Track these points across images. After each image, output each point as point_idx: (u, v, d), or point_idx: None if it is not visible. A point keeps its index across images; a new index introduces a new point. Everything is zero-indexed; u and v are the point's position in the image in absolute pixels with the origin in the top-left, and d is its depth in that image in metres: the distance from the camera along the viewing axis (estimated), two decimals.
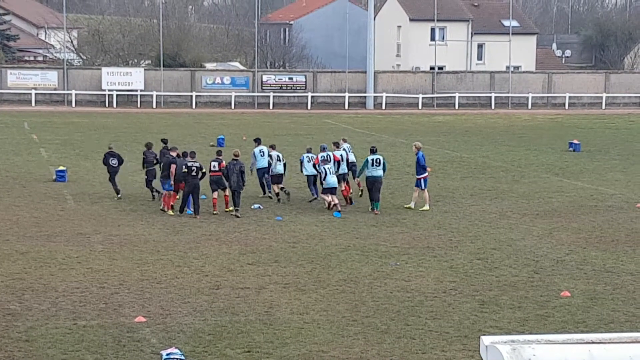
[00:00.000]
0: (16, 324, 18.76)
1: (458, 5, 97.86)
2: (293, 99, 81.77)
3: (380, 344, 18.00)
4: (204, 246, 26.09)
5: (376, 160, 31.92)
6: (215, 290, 21.57)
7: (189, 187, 30.28)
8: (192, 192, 30.37)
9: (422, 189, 32.61)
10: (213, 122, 64.68)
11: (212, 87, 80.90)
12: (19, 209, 31.16)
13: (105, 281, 22.11)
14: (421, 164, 32.29)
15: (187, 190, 30.38)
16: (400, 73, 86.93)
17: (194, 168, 30.18)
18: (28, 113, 70.50)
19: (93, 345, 17.56)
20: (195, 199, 30.50)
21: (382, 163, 31.93)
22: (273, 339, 18.13)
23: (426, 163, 33.00)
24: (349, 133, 58.96)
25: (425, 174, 32.56)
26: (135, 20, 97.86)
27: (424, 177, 32.50)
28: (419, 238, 27.77)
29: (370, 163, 31.88)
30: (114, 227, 28.52)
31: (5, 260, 23.96)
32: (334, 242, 26.96)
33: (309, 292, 21.57)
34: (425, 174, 32.49)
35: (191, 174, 30.12)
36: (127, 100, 78.79)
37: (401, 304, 20.70)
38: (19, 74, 78.25)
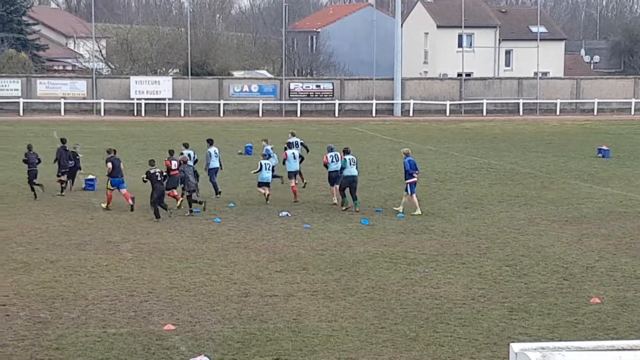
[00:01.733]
0: (46, 332, 18.86)
1: (485, 12, 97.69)
2: (320, 107, 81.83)
3: (409, 351, 17.97)
4: (232, 254, 26.14)
5: (352, 160, 33.43)
6: (243, 297, 21.60)
7: (156, 192, 31.27)
8: (160, 196, 31.39)
9: (409, 193, 32.71)
10: (241, 130, 64.82)
11: (239, 95, 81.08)
12: (49, 217, 31.33)
13: (134, 289, 22.19)
14: (406, 169, 32.65)
15: (156, 195, 31.29)
16: (428, 80, 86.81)
17: (157, 174, 31.37)
18: (57, 122, 70.90)
19: (123, 353, 17.62)
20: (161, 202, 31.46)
21: (356, 163, 33.63)
22: (302, 347, 18.14)
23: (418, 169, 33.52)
24: (376, 140, 58.96)
25: (413, 180, 32.68)
26: (163, 29, 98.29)
27: (412, 182, 32.66)
28: (448, 245, 27.71)
29: (348, 162, 33.24)
30: (143, 235, 28.63)
31: (36, 268, 24.10)
32: (362, 249, 26.94)
33: (337, 299, 21.57)
34: (412, 179, 32.64)
35: (157, 179, 31.26)
36: (156, 108, 79.10)
37: (430, 311, 20.66)
38: (49, 84, 78.72)
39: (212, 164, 35.98)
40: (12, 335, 18.56)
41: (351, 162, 33.36)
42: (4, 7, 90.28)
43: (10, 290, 21.93)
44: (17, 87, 77.54)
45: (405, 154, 33.12)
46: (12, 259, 25.12)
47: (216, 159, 36.09)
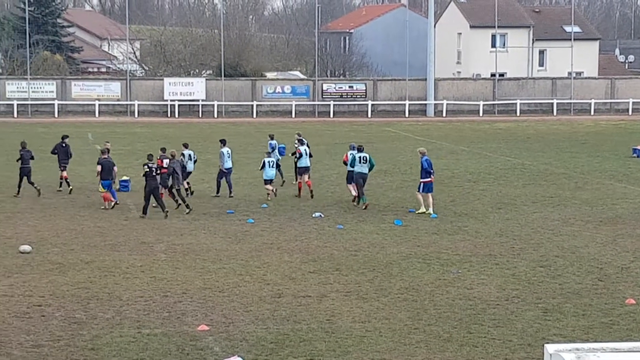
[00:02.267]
0: (82, 332, 18.98)
1: (519, 12, 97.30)
2: (353, 107, 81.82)
3: (443, 352, 17.94)
4: (265, 255, 26.19)
5: (363, 158, 33.85)
6: (277, 298, 21.64)
7: (149, 187, 31.82)
8: (153, 192, 31.86)
9: (425, 192, 32.85)
10: (273, 131, 64.82)
11: (272, 96, 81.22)
12: (84, 218, 31.52)
13: (168, 290, 22.28)
14: (423, 168, 32.74)
15: (148, 190, 31.83)
16: (461, 80, 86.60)
17: (153, 169, 31.95)
18: (92, 124, 71.34)
19: (157, 354, 17.70)
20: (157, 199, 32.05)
21: (368, 160, 33.88)
22: (335, 347, 18.15)
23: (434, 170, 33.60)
24: (409, 141, 58.88)
25: (429, 179, 32.76)
26: (196, 31, 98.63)
27: (427, 181, 32.76)
28: (481, 246, 27.63)
29: (357, 160, 33.68)
30: (176, 236, 28.74)
31: (71, 269, 24.25)
32: (395, 250, 26.92)
33: (370, 300, 21.56)
34: (428, 179, 32.74)
35: (151, 174, 31.79)
36: (189, 110, 79.38)
37: (463, 312, 20.61)
38: (83, 85, 79.19)
39: (226, 164, 36.10)
40: (47, 336, 18.70)
41: (362, 160, 33.80)
42: (39, 9, 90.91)
43: (46, 291, 22.10)
44: (52, 89, 78.06)
45: (422, 153, 33.23)
46: (48, 260, 25.29)
47: (229, 159, 36.22)
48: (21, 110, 76.86)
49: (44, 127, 67.56)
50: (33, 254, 25.87)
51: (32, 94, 77.44)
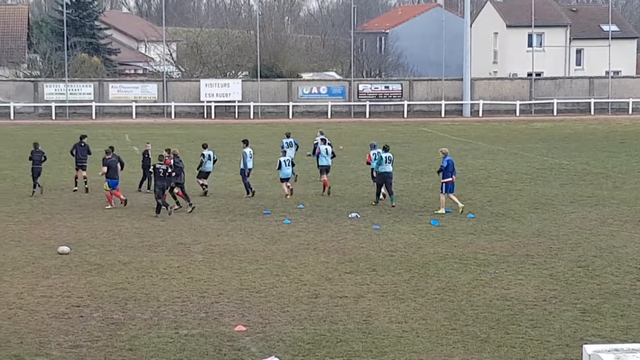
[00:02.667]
0: (119, 333, 19.08)
1: (556, 11, 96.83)
2: (389, 108, 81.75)
3: (480, 353, 17.89)
4: (302, 255, 26.22)
5: (388, 158, 34.08)
6: (313, 299, 21.66)
7: (157, 187, 32.27)
8: (161, 192, 32.27)
9: (446, 193, 32.88)
10: (310, 132, 64.91)
11: (308, 97, 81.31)
12: (121, 219, 31.69)
13: (205, 290, 22.36)
14: (444, 166, 32.76)
15: (158, 190, 32.25)
16: (497, 80, 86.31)
17: (161, 170, 32.16)
18: (129, 125, 71.73)
19: (194, 354, 17.77)
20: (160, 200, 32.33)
21: (392, 160, 34.33)
22: (372, 348, 18.14)
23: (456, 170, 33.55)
24: (446, 141, 58.74)
25: (450, 180, 32.76)
26: (232, 32, 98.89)
27: (448, 181, 32.77)
28: (518, 246, 27.52)
29: (384, 160, 33.86)
30: (213, 237, 28.83)
31: (109, 270, 24.39)
32: (432, 250, 26.87)
33: (407, 300, 21.54)
34: (449, 179, 32.75)
35: (159, 175, 32.12)
36: (225, 111, 79.63)
37: (501, 313, 20.54)
38: (120, 87, 79.66)
39: (248, 165, 36.29)
40: (86, 336, 18.82)
41: (387, 160, 34.04)
42: (77, 12, 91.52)
43: (84, 291, 22.24)
44: (90, 91, 78.55)
45: (444, 154, 33.24)
46: (86, 260, 25.46)
47: (250, 160, 36.41)
48: (59, 112, 77.41)
49: (81, 128, 67.90)
50: (71, 255, 26.05)
51: (70, 96, 77.97)
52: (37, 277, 23.65)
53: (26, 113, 77.70)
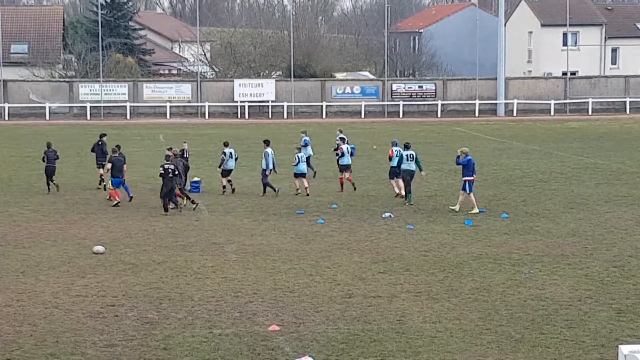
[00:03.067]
0: (154, 332, 19.17)
1: (591, 9, 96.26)
2: (423, 107, 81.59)
3: (515, 353, 17.83)
4: (335, 255, 26.23)
5: (410, 156, 34.41)
6: (347, 299, 21.66)
7: (165, 187, 32.62)
8: (169, 192, 32.71)
9: (467, 192, 32.86)
10: (343, 132, 64.89)
11: (342, 96, 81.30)
12: (156, 219, 31.82)
13: (239, 290, 22.41)
14: (465, 165, 32.83)
15: (165, 190, 32.60)
16: (532, 79, 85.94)
17: (170, 170, 32.53)
18: (163, 125, 72.01)
19: (228, 354, 17.82)
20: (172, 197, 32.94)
21: (415, 158, 34.47)
22: (406, 348, 18.13)
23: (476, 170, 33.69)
24: (480, 141, 58.57)
25: (471, 178, 32.84)
26: (266, 32, 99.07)
27: (470, 180, 32.82)
28: (553, 246, 27.40)
29: (405, 158, 34.27)
30: (247, 236, 28.89)
31: (143, 269, 24.50)
32: (466, 250, 26.79)
33: (441, 300, 21.50)
34: (470, 177, 32.83)
35: (168, 175, 32.43)
36: (259, 111, 79.78)
37: (535, 313, 20.46)
38: (155, 87, 79.99)
39: (270, 165, 36.52)
40: (121, 335, 18.92)
41: (409, 157, 34.36)
42: (112, 12, 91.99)
43: (119, 291, 22.35)
44: (124, 92, 78.94)
45: (465, 153, 33.27)
46: (121, 260, 25.59)
47: (271, 160, 36.63)
48: (94, 113, 77.84)
49: (116, 128, 68.32)
50: (106, 255, 26.19)
51: (104, 96, 78.40)
52: (72, 276, 23.80)
53: (61, 113, 78.19)
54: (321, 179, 40.91)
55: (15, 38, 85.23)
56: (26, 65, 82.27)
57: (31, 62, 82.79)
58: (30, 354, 17.82)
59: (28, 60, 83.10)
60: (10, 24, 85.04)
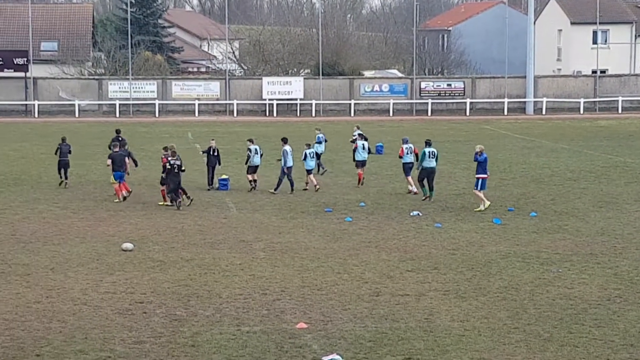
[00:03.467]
0: (182, 329, 19.23)
1: (621, 7, 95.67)
2: (451, 106, 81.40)
3: (543, 352, 17.77)
4: (363, 253, 26.22)
5: (431, 153, 34.76)
6: (375, 297, 21.66)
7: (172, 183, 33.17)
8: (177, 187, 33.29)
9: (478, 189, 33.03)
10: (371, 130, 64.88)
11: (370, 94, 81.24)
12: (184, 217, 31.91)
13: (267, 288, 22.45)
14: (480, 162, 33.09)
15: (172, 187, 33.20)
16: (561, 77, 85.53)
17: (175, 166, 33.16)
18: (191, 123, 72.19)
19: (256, 351, 17.86)
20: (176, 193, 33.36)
21: (436, 155, 34.90)
22: (434, 346, 18.10)
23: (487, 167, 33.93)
24: (508, 139, 58.38)
25: (484, 176, 33.05)
26: (294, 30, 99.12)
27: (483, 177, 33.03)
28: (582, 244, 27.28)
29: (427, 155, 34.61)
30: (275, 234, 28.93)
31: (172, 267, 24.59)
32: (494, 249, 26.72)
33: (469, 299, 21.45)
34: (484, 175, 33.04)
35: (173, 171, 33.07)
36: (287, 109, 79.82)
37: (564, 312, 20.38)
38: (183, 85, 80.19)
39: (288, 162, 36.56)
40: (149, 332, 18.99)
41: (431, 155, 34.68)
42: (141, 10, 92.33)
43: (148, 288, 22.44)
44: (153, 89, 79.19)
45: (482, 151, 33.42)
46: (149, 257, 25.68)
47: (290, 158, 36.74)
48: (123, 110, 78.14)
49: (145, 126, 68.61)
50: (135, 252, 26.29)
51: (133, 93, 78.68)
52: (101, 273, 23.91)
53: (90, 111, 78.54)
54: (347, 177, 40.86)
55: (45, 36, 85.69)
56: (56, 62, 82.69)
57: (61, 59, 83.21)
58: (59, 350, 17.92)
59: (58, 57, 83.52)
60: (41, 21, 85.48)
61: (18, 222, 30.76)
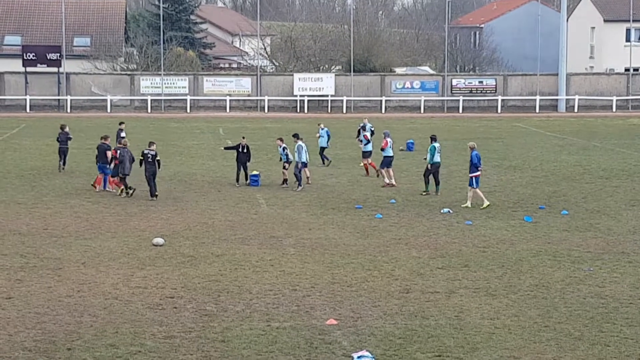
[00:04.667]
0: (212, 324, 19.29)
1: None
2: (483, 103, 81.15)
3: (574, 351, 17.70)
4: (393, 250, 26.20)
5: (438, 148, 35.57)
6: (405, 294, 21.64)
7: (148, 172, 34.08)
8: (152, 176, 34.08)
9: (473, 187, 32.99)
10: (402, 127, 64.85)
11: (401, 91, 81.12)
12: (214, 212, 32.00)
13: (297, 284, 22.48)
14: (473, 163, 32.90)
15: (147, 175, 34.10)
16: (594, 75, 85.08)
17: (150, 155, 34.05)
18: (223, 119, 72.35)
19: (286, 347, 17.89)
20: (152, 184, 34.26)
21: (439, 151, 35.71)
22: (463, 344, 18.07)
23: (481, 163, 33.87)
24: (540, 136, 58.13)
25: (477, 173, 32.98)
26: (326, 27, 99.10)
27: (476, 175, 32.93)
28: (614, 243, 27.13)
29: (437, 150, 35.28)
30: (305, 230, 28.95)
31: (202, 262, 24.66)
32: (525, 246, 26.63)
33: (499, 297, 21.39)
34: (477, 172, 32.92)
35: (147, 160, 33.98)
36: (318, 105, 79.85)
37: (595, 310, 20.29)
38: (215, 81, 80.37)
39: (302, 158, 36.64)
40: (179, 327, 19.07)
41: (438, 150, 35.47)
42: (173, 6, 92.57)
43: (178, 283, 22.52)
44: (185, 85, 79.41)
45: (472, 148, 33.43)
46: (180, 252, 25.77)
47: (305, 154, 36.77)
48: (155, 106, 78.45)
49: (176, 122, 68.83)
50: (166, 247, 26.39)
51: (165, 89, 78.95)
52: (132, 268, 24.03)
53: (122, 106, 78.90)
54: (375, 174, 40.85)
55: (78, 31, 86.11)
56: (88, 58, 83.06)
57: (93, 55, 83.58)
58: (90, 344, 18.03)
59: (90, 53, 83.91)
60: (74, 17, 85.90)
61: (50, 217, 30.96)
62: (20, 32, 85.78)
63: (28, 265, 24.26)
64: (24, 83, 77.73)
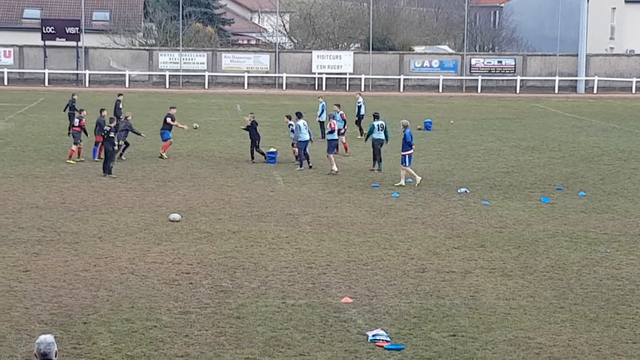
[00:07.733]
0: (228, 300, 19.34)
1: None
2: (501, 83, 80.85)
3: (589, 332, 17.68)
4: (409, 229, 26.19)
5: (380, 126, 36.06)
6: (420, 273, 21.64)
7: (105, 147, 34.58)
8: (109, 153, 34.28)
9: (406, 165, 32.99)
10: (420, 106, 64.72)
11: (420, 70, 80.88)
12: (231, 189, 32.04)
13: (313, 261, 22.50)
14: (407, 141, 32.85)
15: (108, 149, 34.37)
16: (614, 56, 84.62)
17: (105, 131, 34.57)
18: (241, 95, 72.32)
19: (301, 324, 17.92)
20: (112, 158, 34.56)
21: (384, 128, 36.07)
22: (478, 324, 18.07)
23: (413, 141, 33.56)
24: (558, 117, 57.93)
25: (410, 151, 32.96)
26: (345, 4, 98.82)
27: (409, 154, 32.92)
28: (631, 225, 27.06)
29: (376, 128, 35.86)
30: (321, 208, 28.97)
31: (219, 238, 24.71)
32: (542, 227, 26.58)
33: (515, 277, 21.38)
34: (410, 150, 32.89)
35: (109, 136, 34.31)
36: (336, 83, 79.70)
37: (611, 292, 20.25)
38: (233, 57, 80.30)
39: (302, 137, 36.41)
40: (195, 303, 19.12)
41: (379, 127, 35.98)
42: None
43: (194, 259, 22.58)
44: (203, 61, 79.38)
45: (405, 126, 33.48)
46: (196, 228, 25.83)
47: (306, 132, 36.59)
48: (173, 81, 78.46)
49: (194, 97, 68.84)
50: (182, 223, 26.45)
51: (183, 65, 78.94)
52: (148, 243, 24.10)
53: (141, 81, 78.94)
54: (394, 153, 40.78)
55: (97, 5, 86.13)
56: (107, 32, 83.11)
57: (112, 29, 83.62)
58: (106, 318, 18.10)
59: (109, 27, 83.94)
60: None
61: (67, 191, 31.06)
62: (40, 6, 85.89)
63: (45, 238, 24.36)
64: (42, 57, 77.86)
